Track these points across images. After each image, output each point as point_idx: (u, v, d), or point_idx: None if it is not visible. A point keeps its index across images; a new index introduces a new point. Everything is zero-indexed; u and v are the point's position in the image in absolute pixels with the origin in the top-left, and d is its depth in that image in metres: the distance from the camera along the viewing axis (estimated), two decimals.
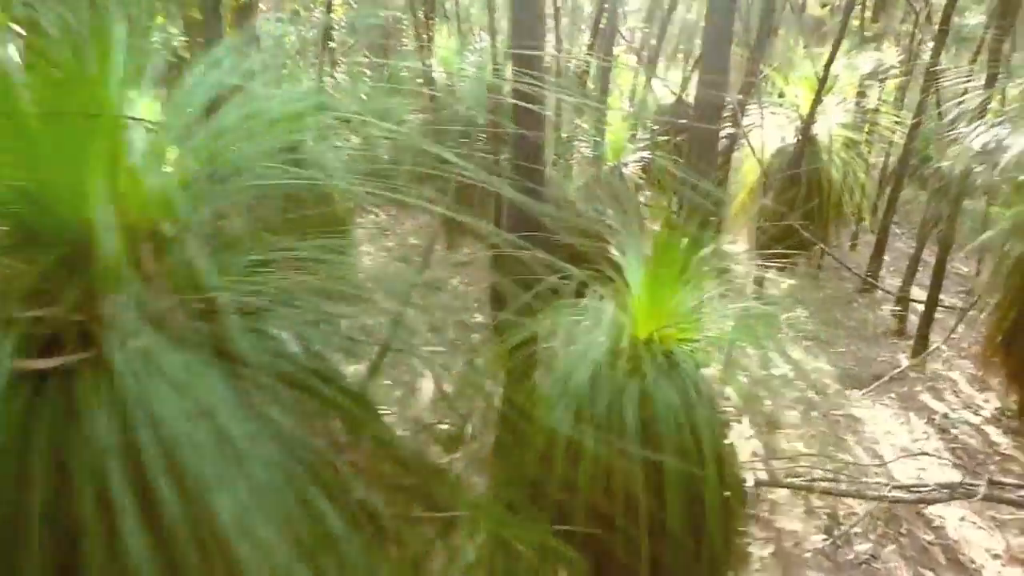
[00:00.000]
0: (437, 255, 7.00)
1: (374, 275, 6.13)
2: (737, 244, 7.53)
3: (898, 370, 5.65)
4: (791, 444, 4.36)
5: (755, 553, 3.30)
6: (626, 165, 6.32)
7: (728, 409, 4.08)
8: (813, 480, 3.75)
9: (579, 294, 2.36)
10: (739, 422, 4.34)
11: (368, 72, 7.26)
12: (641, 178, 6.31)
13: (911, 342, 6.26)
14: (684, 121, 3.76)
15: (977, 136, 4.91)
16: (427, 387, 4.36)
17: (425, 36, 7.72)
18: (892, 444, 4.71)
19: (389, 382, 4.17)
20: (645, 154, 6.65)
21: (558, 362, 2.04)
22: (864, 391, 5.42)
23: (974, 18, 9.72)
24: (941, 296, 6.23)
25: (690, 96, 7.51)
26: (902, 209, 8.57)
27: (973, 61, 8.58)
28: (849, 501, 3.81)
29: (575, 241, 2.58)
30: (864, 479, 3.96)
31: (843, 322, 7.03)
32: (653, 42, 10.49)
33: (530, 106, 2.96)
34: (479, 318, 5.60)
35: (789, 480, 3.63)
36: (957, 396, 5.61)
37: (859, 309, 7.45)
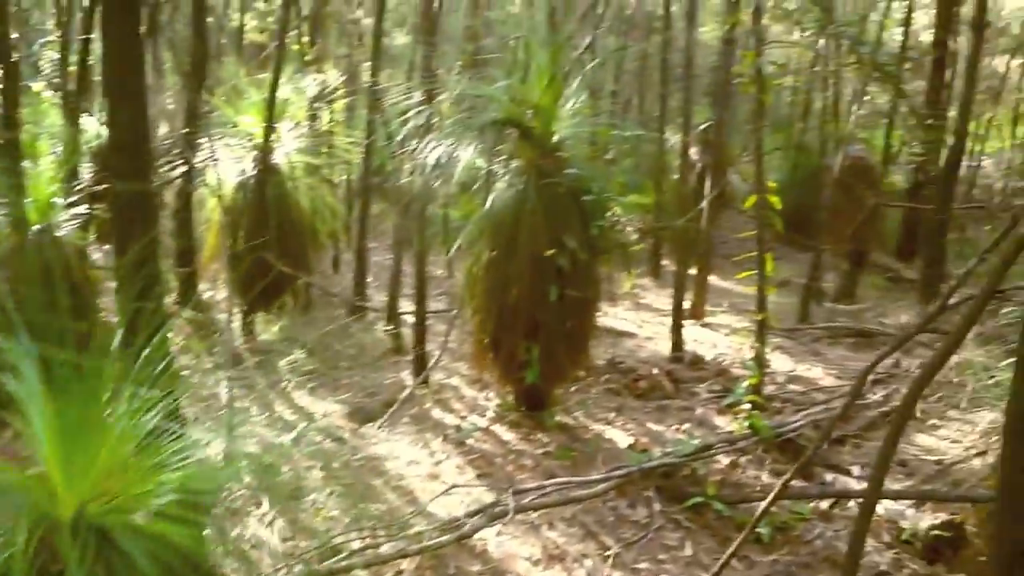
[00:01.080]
0: None
1: None
2: (215, 291, 6.80)
3: (405, 393, 5.53)
4: (321, 514, 3.86)
5: None
6: (60, 226, 5.12)
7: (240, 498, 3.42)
8: (352, 553, 3.29)
9: None
10: (258, 507, 3.70)
11: None
12: (81, 240, 5.20)
13: (411, 357, 6.24)
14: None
15: (430, 150, 4.94)
16: None
17: None
18: (418, 475, 4.51)
19: None
20: (83, 209, 5.51)
21: None
22: (378, 424, 5.17)
23: (401, 38, 10.37)
24: (428, 306, 6.33)
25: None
26: (376, 227, 8.69)
27: (408, 79, 9.07)
28: (396, 561, 3.44)
29: None
30: (400, 530, 3.63)
31: (342, 352, 6.78)
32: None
33: None
34: None
35: (326, 565, 3.12)
36: (462, 402, 5.70)
37: (355, 334, 7.30)
